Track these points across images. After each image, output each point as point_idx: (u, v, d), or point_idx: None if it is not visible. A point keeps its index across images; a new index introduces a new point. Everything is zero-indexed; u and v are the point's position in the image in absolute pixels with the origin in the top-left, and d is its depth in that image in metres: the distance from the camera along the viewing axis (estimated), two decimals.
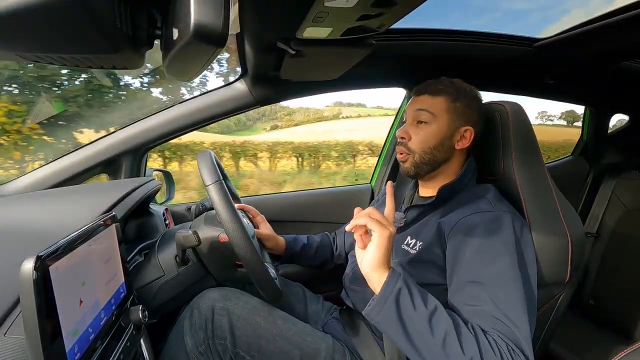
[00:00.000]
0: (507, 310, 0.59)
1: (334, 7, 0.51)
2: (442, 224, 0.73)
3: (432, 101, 0.78)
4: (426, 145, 0.78)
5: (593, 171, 1.61)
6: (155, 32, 0.45)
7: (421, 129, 0.78)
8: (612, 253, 1.37)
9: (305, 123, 11.25)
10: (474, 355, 0.53)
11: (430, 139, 0.77)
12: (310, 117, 11.55)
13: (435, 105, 0.78)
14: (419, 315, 0.57)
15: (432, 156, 0.78)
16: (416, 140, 0.79)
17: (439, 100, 0.78)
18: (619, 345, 1.20)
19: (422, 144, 0.78)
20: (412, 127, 0.80)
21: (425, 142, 0.78)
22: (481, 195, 0.75)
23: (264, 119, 11.59)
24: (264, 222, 1.03)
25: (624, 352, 0.47)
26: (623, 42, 0.93)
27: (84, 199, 0.76)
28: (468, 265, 0.65)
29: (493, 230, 0.67)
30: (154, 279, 0.77)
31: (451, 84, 0.80)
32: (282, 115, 12.08)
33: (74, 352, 0.43)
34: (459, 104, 0.78)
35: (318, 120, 10.98)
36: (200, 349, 0.71)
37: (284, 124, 11.94)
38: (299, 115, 12.14)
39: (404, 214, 0.83)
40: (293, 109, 12.82)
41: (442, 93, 0.78)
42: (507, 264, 0.63)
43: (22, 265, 0.38)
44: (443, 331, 0.55)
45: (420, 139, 0.78)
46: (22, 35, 0.32)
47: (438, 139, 0.77)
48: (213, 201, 0.71)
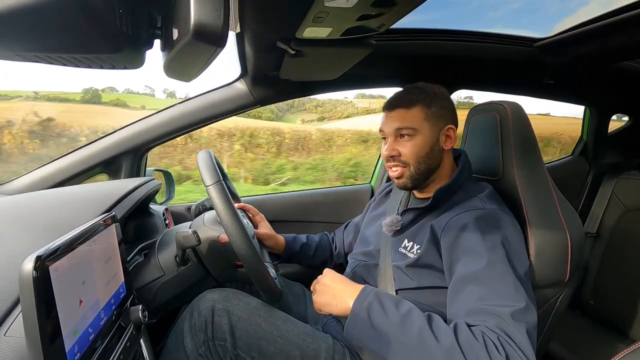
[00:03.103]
0: (498, 303, 0.59)
1: (334, 7, 0.51)
2: (434, 226, 0.73)
3: (409, 115, 0.77)
4: (419, 155, 0.77)
5: (593, 171, 1.61)
6: (155, 32, 0.45)
7: (407, 142, 0.77)
8: (612, 253, 1.37)
9: (355, 115, 11.12)
10: (451, 344, 0.54)
11: (421, 149, 0.77)
12: (359, 109, 11.36)
13: (413, 118, 0.77)
14: (392, 320, 0.59)
15: (427, 165, 0.78)
16: (407, 152, 0.77)
17: (415, 111, 0.77)
18: (619, 345, 1.20)
19: (414, 155, 0.77)
20: (396, 143, 0.79)
21: (418, 152, 0.77)
22: (474, 194, 0.75)
23: (293, 110, 11.41)
24: (264, 221, 1.03)
25: (624, 352, 0.47)
26: (623, 42, 0.92)
27: (84, 199, 0.76)
28: (459, 264, 0.66)
29: (481, 227, 0.67)
30: (154, 279, 0.77)
31: (421, 91, 0.79)
32: (310, 107, 11.85)
33: (74, 352, 0.43)
34: (434, 108, 0.77)
35: (367, 113, 10.78)
36: (200, 350, 0.71)
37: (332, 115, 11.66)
38: (330, 106, 11.95)
39: (400, 217, 0.83)
40: (321, 100, 12.55)
41: (415, 103, 0.77)
42: (495, 259, 0.63)
43: (22, 265, 0.38)
44: (417, 329, 0.57)
45: (410, 151, 0.77)
46: (22, 35, 0.32)
47: (428, 147, 0.77)
48: (214, 202, 0.71)
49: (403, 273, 0.76)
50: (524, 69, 1.17)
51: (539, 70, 1.18)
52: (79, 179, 1.07)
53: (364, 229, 0.99)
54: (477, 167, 0.85)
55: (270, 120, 8.91)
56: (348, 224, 1.12)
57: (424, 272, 0.74)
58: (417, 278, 0.74)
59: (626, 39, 0.91)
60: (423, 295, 0.74)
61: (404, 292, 0.76)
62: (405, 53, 1.05)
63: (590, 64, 1.12)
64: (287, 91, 1.15)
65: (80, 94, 8.92)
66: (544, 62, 1.10)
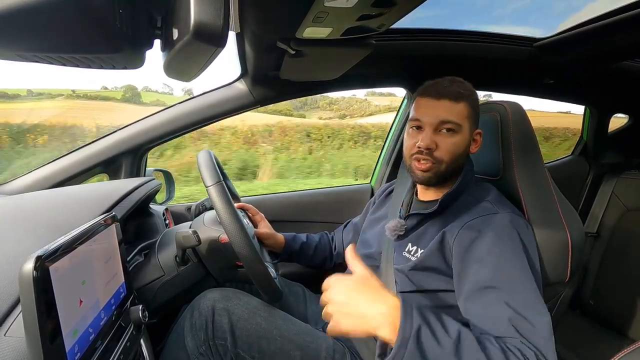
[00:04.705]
0: (526, 313, 0.57)
1: (334, 7, 0.51)
2: (446, 233, 0.71)
3: (456, 109, 0.72)
4: (455, 154, 0.73)
5: (593, 171, 1.61)
6: (155, 32, 0.45)
7: (448, 138, 0.72)
8: (612, 253, 1.37)
9: (378, 113, 11.12)
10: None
11: (459, 148, 0.73)
12: (381, 107, 11.34)
13: (459, 114, 0.72)
14: (445, 350, 0.50)
15: (457, 165, 0.75)
16: (445, 149, 0.72)
17: (461, 107, 0.73)
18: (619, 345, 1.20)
19: (451, 153, 0.73)
20: (436, 135, 0.73)
21: (455, 151, 0.73)
22: (482, 198, 0.74)
23: (306, 107, 11.37)
24: (263, 221, 1.03)
25: (624, 352, 0.47)
26: (623, 42, 0.92)
27: (84, 199, 0.76)
28: (478, 272, 0.64)
29: (498, 233, 0.66)
30: (154, 279, 0.77)
31: (468, 88, 0.75)
32: (324, 105, 11.79)
33: (74, 352, 0.43)
34: (475, 107, 0.75)
35: (389, 110, 10.79)
36: (201, 349, 0.71)
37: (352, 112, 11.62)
38: (344, 104, 11.93)
39: (404, 221, 0.81)
40: (334, 98, 12.53)
41: (463, 98, 0.73)
42: (518, 265, 0.62)
43: (22, 265, 0.38)
44: (474, 358, 0.51)
45: (449, 149, 0.72)
46: (22, 35, 0.32)
47: (464, 147, 0.74)
48: (214, 203, 0.71)
49: (405, 276, 0.76)
50: (524, 69, 1.17)
51: (539, 70, 1.18)
52: (79, 179, 1.07)
53: (364, 231, 0.99)
54: (478, 167, 0.85)
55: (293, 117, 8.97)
56: (347, 224, 1.12)
57: (426, 275, 0.73)
58: (419, 281, 0.74)
59: (626, 39, 0.91)
60: (424, 297, 0.74)
61: (405, 295, 0.76)
62: (405, 53, 1.05)
63: (590, 64, 1.12)
64: (287, 91, 1.15)
65: (121, 92, 8.90)
66: (544, 62, 1.10)
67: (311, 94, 1.23)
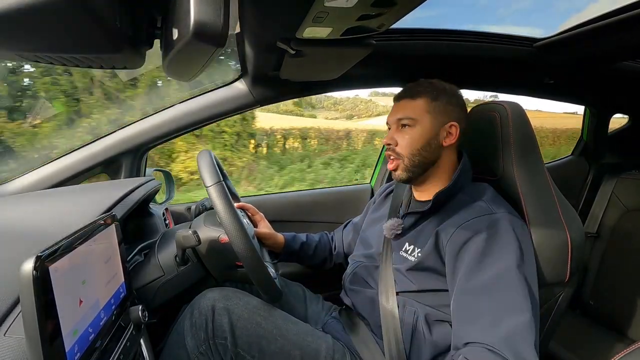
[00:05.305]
0: (507, 316, 0.58)
1: (334, 7, 0.51)
2: (440, 232, 0.72)
3: (412, 104, 0.79)
4: (413, 148, 0.78)
5: (593, 171, 1.61)
6: (155, 32, 0.45)
7: (406, 132, 0.79)
8: (612, 253, 1.37)
9: (386, 113, 11.44)
10: None
11: (416, 141, 0.78)
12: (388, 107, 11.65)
13: (415, 109, 0.78)
14: None
15: (421, 157, 0.78)
16: (403, 143, 0.79)
17: (419, 102, 0.78)
18: (619, 345, 1.20)
19: (408, 147, 0.78)
20: (396, 132, 0.81)
21: (412, 144, 0.78)
22: (477, 198, 0.75)
23: (311, 108, 11.40)
24: (263, 221, 1.03)
25: (623, 352, 0.47)
26: (623, 42, 0.92)
27: (84, 199, 0.76)
28: (468, 273, 0.65)
29: (492, 234, 0.66)
30: (154, 279, 0.77)
31: (429, 84, 0.80)
32: (328, 105, 11.81)
33: (73, 352, 0.43)
34: (439, 102, 0.78)
35: None
36: (201, 348, 0.71)
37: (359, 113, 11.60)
38: (349, 104, 11.94)
39: (401, 220, 0.83)
40: (338, 98, 12.57)
41: (421, 95, 0.79)
42: (509, 268, 0.63)
43: (22, 265, 0.38)
44: None
45: (406, 142, 0.78)
46: (22, 35, 0.32)
47: (424, 139, 0.78)
48: (214, 203, 0.71)
49: (403, 276, 0.76)
50: (524, 69, 1.16)
51: (539, 70, 1.18)
52: (79, 179, 1.07)
53: (364, 230, 0.99)
54: (477, 167, 0.85)
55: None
56: (347, 224, 1.12)
57: (424, 275, 0.74)
58: (418, 281, 0.74)
59: (626, 39, 0.91)
60: (423, 297, 0.74)
61: (404, 295, 0.76)
62: (405, 53, 1.05)
63: (591, 64, 1.12)
64: (287, 91, 1.15)
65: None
66: (544, 62, 1.10)
67: (311, 94, 1.23)
